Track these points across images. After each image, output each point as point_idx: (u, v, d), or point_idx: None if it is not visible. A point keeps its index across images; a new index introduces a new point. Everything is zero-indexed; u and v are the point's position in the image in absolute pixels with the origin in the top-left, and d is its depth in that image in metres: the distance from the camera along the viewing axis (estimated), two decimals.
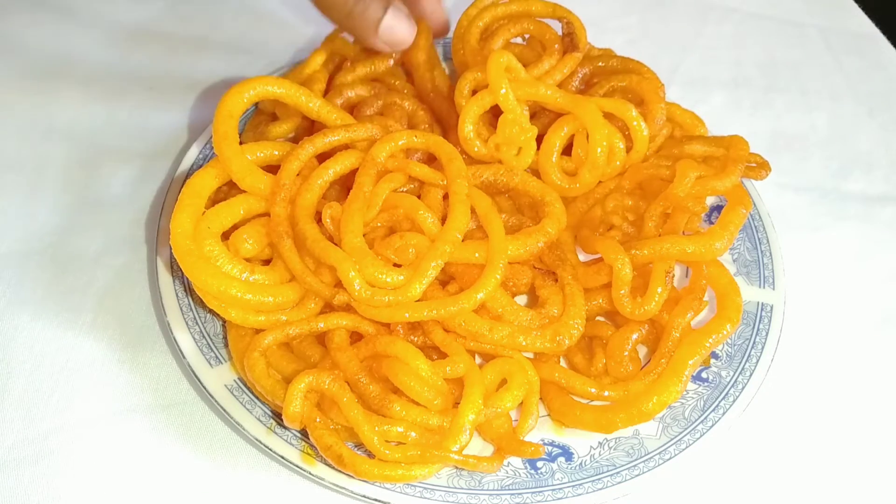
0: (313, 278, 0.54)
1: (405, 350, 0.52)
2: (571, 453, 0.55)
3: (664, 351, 0.56)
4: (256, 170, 0.57)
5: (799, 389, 0.63)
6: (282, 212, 0.56)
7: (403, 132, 0.59)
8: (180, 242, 0.53)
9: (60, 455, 0.56)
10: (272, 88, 0.60)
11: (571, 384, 0.56)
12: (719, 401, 0.57)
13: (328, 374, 0.51)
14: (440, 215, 0.57)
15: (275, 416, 0.54)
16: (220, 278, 0.53)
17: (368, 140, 0.59)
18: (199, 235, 0.54)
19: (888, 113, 0.86)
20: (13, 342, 0.61)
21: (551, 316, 0.56)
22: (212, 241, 0.54)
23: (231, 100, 0.58)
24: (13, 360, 0.60)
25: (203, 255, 0.53)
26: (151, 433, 0.57)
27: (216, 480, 0.56)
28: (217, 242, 0.54)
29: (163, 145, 0.75)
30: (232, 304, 0.54)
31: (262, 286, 0.54)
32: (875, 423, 0.62)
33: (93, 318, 0.63)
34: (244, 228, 0.56)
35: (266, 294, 0.54)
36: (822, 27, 0.95)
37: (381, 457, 0.50)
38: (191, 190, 0.56)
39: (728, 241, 0.59)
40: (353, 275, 0.52)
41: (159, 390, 0.60)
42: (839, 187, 0.79)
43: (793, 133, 0.84)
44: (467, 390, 0.52)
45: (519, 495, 0.53)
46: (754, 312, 0.62)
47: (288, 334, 0.55)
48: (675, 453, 0.55)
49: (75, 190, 0.71)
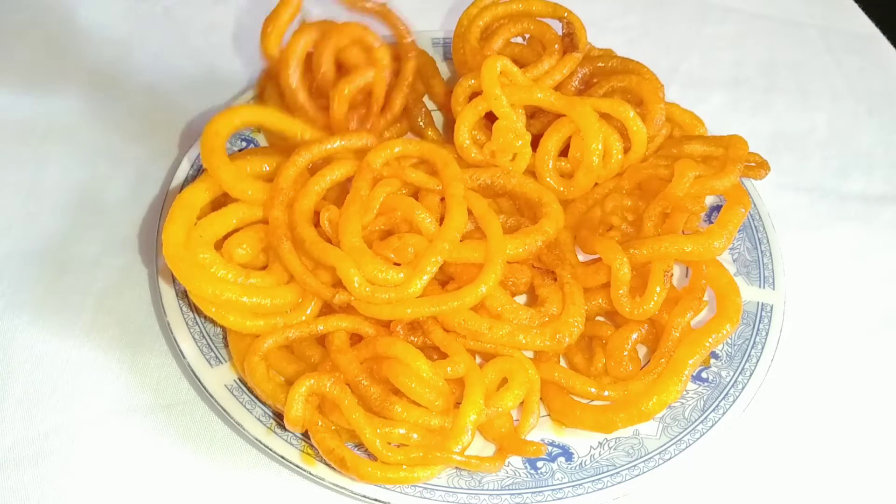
0: (313, 279, 0.54)
1: (406, 351, 0.52)
2: (571, 453, 0.55)
3: (664, 351, 0.56)
4: (247, 177, 0.58)
5: (799, 389, 0.63)
6: (280, 215, 0.56)
7: (398, 140, 0.61)
8: (173, 251, 0.54)
9: (61, 455, 0.56)
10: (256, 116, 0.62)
11: (571, 384, 0.56)
12: (719, 401, 0.57)
13: (329, 378, 0.51)
14: (437, 217, 0.57)
15: (275, 416, 0.54)
16: (214, 283, 0.53)
17: (363, 149, 0.61)
18: (191, 244, 0.55)
19: (888, 113, 0.86)
20: (13, 342, 0.61)
21: (551, 314, 0.56)
22: (205, 249, 0.55)
23: (218, 121, 0.60)
24: (13, 361, 0.60)
25: (196, 262, 0.54)
26: (151, 433, 0.57)
27: (216, 480, 0.56)
28: (210, 250, 0.55)
29: (163, 146, 0.75)
30: (228, 309, 0.54)
31: (259, 288, 0.55)
32: (875, 423, 0.62)
33: (93, 319, 0.63)
34: (237, 235, 0.57)
35: (263, 296, 0.54)
36: (822, 27, 0.95)
37: (383, 459, 0.50)
38: (182, 202, 0.57)
39: (727, 241, 0.59)
40: (353, 272, 0.52)
41: (159, 390, 0.60)
42: (839, 187, 0.79)
43: (793, 133, 0.84)
44: (468, 390, 0.52)
45: (519, 495, 0.53)
46: (754, 312, 0.62)
47: (287, 338, 0.55)
48: (676, 453, 0.55)
49: (76, 191, 0.71)
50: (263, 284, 0.55)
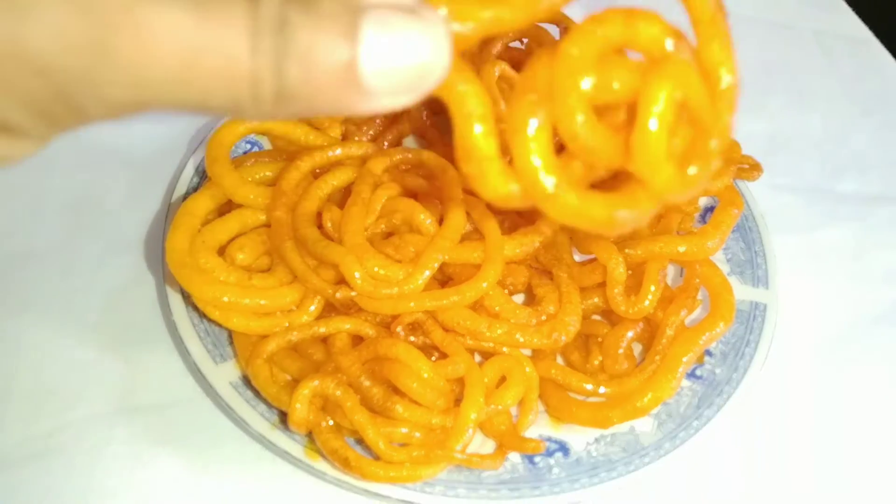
0: (315, 277, 0.55)
1: (407, 352, 0.53)
2: (568, 449, 0.56)
3: (659, 348, 0.57)
4: (249, 182, 0.60)
5: (792, 387, 0.64)
6: (283, 216, 0.58)
7: (398, 148, 0.62)
8: (176, 258, 0.55)
9: (67, 452, 0.57)
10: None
11: (568, 381, 0.57)
12: (713, 398, 0.58)
13: (332, 379, 0.52)
14: (437, 219, 0.59)
15: (280, 414, 0.55)
16: (215, 286, 0.55)
17: (364, 157, 0.62)
18: (194, 250, 0.56)
19: (882, 114, 0.87)
20: (18, 342, 0.61)
21: (548, 313, 0.57)
22: (207, 255, 0.56)
23: (223, 131, 0.62)
24: (18, 359, 0.61)
25: (198, 267, 0.55)
26: (157, 430, 0.58)
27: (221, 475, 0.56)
28: (213, 255, 0.56)
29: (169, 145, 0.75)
30: (231, 311, 0.55)
31: (260, 289, 0.56)
32: (868, 423, 0.63)
33: (98, 318, 0.63)
34: (239, 240, 0.58)
35: (264, 297, 0.55)
36: (817, 30, 0.95)
37: (386, 459, 0.51)
38: (186, 210, 0.58)
39: (720, 241, 0.59)
40: (355, 268, 0.54)
41: (164, 388, 0.60)
42: (834, 188, 0.79)
43: (788, 134, 0.84)
44: (468, 389, 0.53)
45: (517, 489, 0.54)
46: (748, 311, 0.63)
47: (290, 340, 0.56)
48: (670, 449, 0.56)
49: (80, 189, 0.72)
50: (265, 285, 0.56)
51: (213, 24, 0.22)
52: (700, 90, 0.31)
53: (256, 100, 0.23)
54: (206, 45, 0.22)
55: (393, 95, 0.25)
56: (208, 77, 0.23)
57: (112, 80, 0.22)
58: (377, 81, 0.24)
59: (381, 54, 0.23)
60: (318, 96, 0.24)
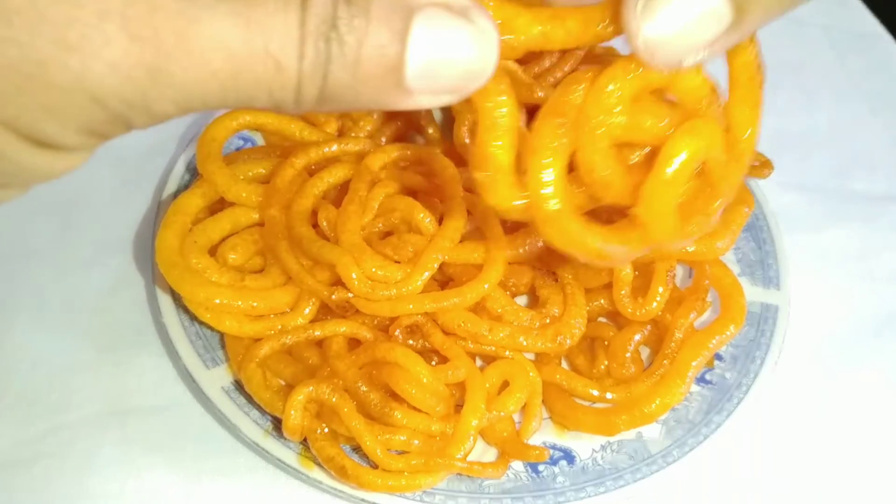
0: (310, 278, 0.54)
1: (405, 356, 0.52)
2: (573, 456, 0.55)
3: (667, 352, 0.56)
4: (241, 179, 0.59)
5: (804, 391, 0.63)
6: (277, 214, 0.57)
7: (396, 145, 0.61)
8: (165, 257, 0.54)
9: (57, 457, 0.56)
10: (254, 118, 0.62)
11: (573, 386, 0.56)
12: (723, 403, 0.57)
13: (328, 385, 0.51)
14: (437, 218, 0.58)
15: (274, 420, 0.54)
16: (206, 287, 0.54)
17: (361, 154, 0.61)
18: (185, 250, 0.55)
19: (891, 111, 0.86)
20: (9, 343, 0.61)
21: (552, 316, 0.56)
22: (198, 255, 0.55)
23: (214, 127, 0.60)
24: (9, 362, 0.60)
25: (189, 268, 0.54)
26: (148, 435, 0.57)
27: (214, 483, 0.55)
28: (204, 256, 0.55)
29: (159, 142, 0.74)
30: (223, 314, 0.54)
31: (253, 291, 0.55)
32: (880, 425, 0.61)
33: (89, 319, 0.62)
34: (230, 240, 0.57)
35: (257, 299, 0.54)
36: (826, 25, 0.94)
37: (384, 466, 0.50)
38: (176, 208, 0.57)
39: (730, 241, 0.59)
40: (352, 268, 0.53)
41: (156, 392, 0.59)
42: (842, 186, 0.78)
43: (795, 132, 0.83)
44: (469, 395, 0.52)
45: (520, 499, 0.52)
46: (758, 313, 0.62)
47: (284, 343, 0.55)
48: (679, 456, 0.54)
49: (72, 190, 0.70)
50: (258, 287, 0.55)
51: (261, 33, 0.23)
52: (721, 151, 0.32)
53: (298, 102, 0.24)
54: (254, 54, 0.23)
55: (434, 95, 0.25)
56: (255, 85, 0.23)
57: (164, 98, 0.24)
58: (421, 82, 0.24)
59: (428, 54, 0.24)
60: (361, 96, 0.24)
